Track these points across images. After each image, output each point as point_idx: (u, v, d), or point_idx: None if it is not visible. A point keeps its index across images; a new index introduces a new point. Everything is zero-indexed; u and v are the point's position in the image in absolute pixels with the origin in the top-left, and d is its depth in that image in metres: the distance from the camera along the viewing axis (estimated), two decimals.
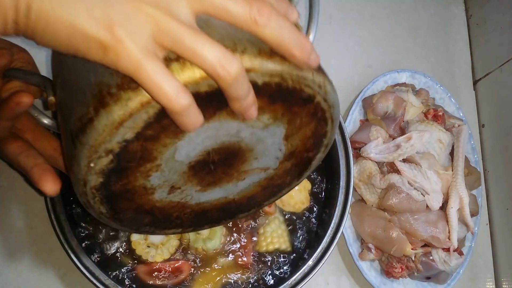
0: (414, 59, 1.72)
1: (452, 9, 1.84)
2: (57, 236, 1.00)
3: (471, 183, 1.44)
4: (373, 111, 1.45)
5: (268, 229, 1.14)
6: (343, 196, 1.15)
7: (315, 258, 1.09)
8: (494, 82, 1.67)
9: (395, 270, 1.31)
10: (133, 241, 1.08)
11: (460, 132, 1.46)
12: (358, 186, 1.39)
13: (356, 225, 1.37)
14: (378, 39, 1.71)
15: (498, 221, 1.58)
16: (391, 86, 1.52)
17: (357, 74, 1.64)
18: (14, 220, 1.27)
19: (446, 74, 1.74)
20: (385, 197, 1.31)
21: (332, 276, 1.42)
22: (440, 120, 1.46)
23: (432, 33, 1.78)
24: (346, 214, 1.13)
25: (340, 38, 1.67)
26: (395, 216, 1.31)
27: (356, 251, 1.36)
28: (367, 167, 1.37)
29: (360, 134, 1.41)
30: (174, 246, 1.10)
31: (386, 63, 1.68)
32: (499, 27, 1.67)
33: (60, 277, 1.25)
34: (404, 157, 1.35)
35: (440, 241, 1.29)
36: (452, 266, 1.31)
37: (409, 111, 1.44)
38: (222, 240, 1.13)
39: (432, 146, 1.39)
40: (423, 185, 1.32)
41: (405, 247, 1.28)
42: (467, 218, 1.36)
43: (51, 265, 1.25)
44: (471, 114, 1.72)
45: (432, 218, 1.31)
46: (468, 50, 1.80)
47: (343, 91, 1.59)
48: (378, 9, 1.74)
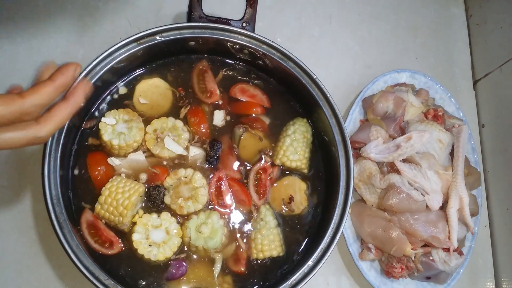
0: (414, 59, 1.72)
1: (452, 10, 1.84)
2: (57, 236, 1.00)
3: (471, 183, 1.44)
4: (373, 111, 1.45)
5: (259, 235, 1.15)
6: (343, 196, 1.15)
7: (315, 258, 1.09)
8: (494, 82, 1.68)
9: (395, 270, 1.31)
10: (135, 240, 1.08)
11: (460, 132, 1.46)
12: (358, 186, 1.39)
13: (356, 225, 1.37)
14: (378, 39, 1.71)
15: (498, 221, 1.59)
16: (391, 86, 1.52)
17: (357, 74, 1.64)
18: (14, 220, 1.27)
19: (446, 74, 1.75)
20: (385, 197, 1.31)
21: (332, 276, 1.42)
22: (440, 120, 1.46)
23: (432, 33, 1.78)
24: (346, 214, 1.13)
25: (340, 38, 1.67)
26: (395, 216, 1.31)
27: (356, 251, 1.36)
28: (367, 167, 1.37)
29: (360, 134, 1.42)
30: (176, 244, 1.11)
31: (386, 63, 1.68)
32: (499, 27, 1.67)
33: (60, 277, 1.25)
34: (404, 157, 1.35)
35: (440, 241, 1.29)
36: (452, 266, 1.32)
37: (409, 111, 1.44)
38: (223, 240, 1.13)
39: (432, 146, 1.39)
40: (423, 185, 1.32)
41: (405, 247, 1.28)
42: (467, 218, 1.36)
43: (51, 265, 1.25)
44: (471, 114, 1.72)
45: (432, 218, 1.31)
46: (468, 50, 1.80)
47: (343, 91, 1.59)
48: (378, 10, 1.74)
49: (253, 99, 1.29)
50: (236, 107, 1.29)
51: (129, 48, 1.14)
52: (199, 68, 1.29)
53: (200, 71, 1.29)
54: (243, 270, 1.15)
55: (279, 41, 1.57)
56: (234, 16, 1.24)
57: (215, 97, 1.27)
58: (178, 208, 1.13)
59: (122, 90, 1.24)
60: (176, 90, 1.26)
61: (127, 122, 1.16)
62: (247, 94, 1.29)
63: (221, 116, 1.26)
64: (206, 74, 1.28)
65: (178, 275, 1.11)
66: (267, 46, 1.21)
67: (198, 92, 1.27)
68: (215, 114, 1.26)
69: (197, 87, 1.27)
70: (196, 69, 1.28)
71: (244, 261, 1.16)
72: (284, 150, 1.23)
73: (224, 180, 1.19)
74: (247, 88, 1.30)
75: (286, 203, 1.23)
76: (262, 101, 1.30)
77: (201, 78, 1.28)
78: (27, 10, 1.43)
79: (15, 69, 1.37)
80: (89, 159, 1.17)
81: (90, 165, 1.16)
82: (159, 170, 1.16)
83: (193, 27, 1.18)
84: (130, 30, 1.48)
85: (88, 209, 1.12)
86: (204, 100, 1.27)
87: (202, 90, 1.27)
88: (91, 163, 1.16)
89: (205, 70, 1.29)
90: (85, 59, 1.41)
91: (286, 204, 1.22)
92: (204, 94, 1.27)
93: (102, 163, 1.16)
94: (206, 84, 1.28)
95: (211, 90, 1.27)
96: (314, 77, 1.19)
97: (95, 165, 1.16)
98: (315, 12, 1.66)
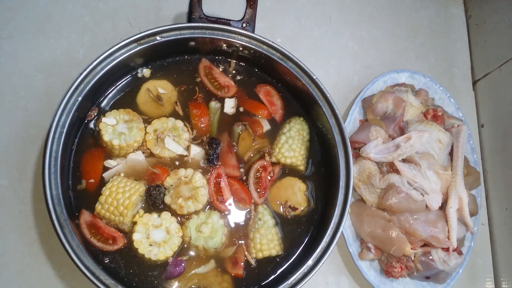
0: (413, 60, 1.72)
1: (451, 10, 1.85)
2: (58, 236, 1.00)
3: (471, 183, 1.45)
4: (372, 111, 1.45)
5: (258, 235, 1.15)
6: (342, 196, 1.15)
7: (315, 258, 1.09)
8: (494, 82, 1.68)
9: (394, 270, 1.32)
10: (135, 240, 1.08)
11: (459, 132, 1.46)
12: (357, 186, 1.39)
13: (356, 225, 1.37)
14: (378, 40, 1.71)
15: (497, 220, 1.59)
16: (390, 86, 1.53)
17: (356, 74, 1.65)
18: (14, 220, 1.27)
19: (445, 74, 1.75)
20: (384, 197, 1.32)
21: (332, 276, 1.42)
22: (439, 120, 1.46)
23: (431, 34, 1.78)
24: (346, 214, 1.13)
25: (340, 39, 1.67)
26: (394, 216, 1.31)
27: (355, 251, 1.36)
28: (367, 167, 1.38)
29: (359, 134, 1.42)
30: (177, 244, 1.11)
31: (385, 64, 1.68)
32: (499, 28, 1.67)
33: (60, 277, 1.25)
34: (404, 157, 1.35)
35: (439, 240, 1.29)
36: (451, 266, 1.32)
37: (409, 111, 1.44)
38: (223, 240, 1.13)
39: (431, 146, 1.40)
40: (422, 185, 1.32)
41: (404, 246, 1.29)
42: (466, 218, 1.36)
43: (52, 265, 1.26)
44: (471, 114, 1.72)
45: (431, 218, 1.31)
46: (468, 51, 1.81)
47: (343, 91, 1.60)
48: (377, 10, 1.75)
49: (270, 105, 1.30)
50: (246, 102, 1.29)
51: (129, 49, 1.14)
52: (203, 68, 1.29)
53: (207, 71, 1.29)
54: (241, 274, 1.15)
55: (279, 41, 1.57)
56: (234, 16, 1.24)
57: (233, 89, 1.29)
58: (178, 208, 1.13)
59: (125, 86, 1.25)
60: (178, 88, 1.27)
61: (128, 122, 1.17)
62: (268, 99, 1.30)
63: (232, 103, 1.27)
64: (213, 71, 1.29)
65: (176, 273, 1.12)
66: (267, 47, 1.21)
67: (215, 90, 1.28)
68: (226, 102, 1.27)
69: (212, 86, 1.28)
70: (202, 70, 1.29)
71: (242, 264, 1.16)
72: (279, 148, 1.24)
73: (223, 176, 1.19)
74: (272, 94, 1.31)
75: (284, 206, 1.23)
76: (275, 112, 1.30)
77: (210, 77, 1.29)
78: (27, 10, 1.43)
79: (15, 69, 1.37)
80: (85, 155, 1.17)
81: (85, 160, 1.17)
82: (159, 170, 1.17)
83: (193, 28, 1.18)
84: (131, 31, 1.49)
85: (85, 210, 1.12)
86: (224, 96, 1.28)
87: (218, 87, 1.28)
88: (86, 158, 1.17)
89: (210, 68, 1.29)
90: (86, 59, 1.42)
91: (284, 207, 1.23)
92: (221, 91, 1.28)
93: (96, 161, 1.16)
94: (218, 80, 1.28)
95: (226, 85, 1.28)
96: (314, 77, 1.20)
97: (89, 162, 1.16)
98: (315, 12, 1.67)
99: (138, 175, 1.17)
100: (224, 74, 1.29)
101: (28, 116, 1.34)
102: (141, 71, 1.26)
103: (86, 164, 1.16)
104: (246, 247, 1.18)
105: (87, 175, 1.15)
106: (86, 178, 1.15)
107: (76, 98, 1.08)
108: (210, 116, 1.25)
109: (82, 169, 1.15)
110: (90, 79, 1.10)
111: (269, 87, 1.31)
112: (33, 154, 1.32)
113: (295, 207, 1.22)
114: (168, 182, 1.15)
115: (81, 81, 1.09)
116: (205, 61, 1.29)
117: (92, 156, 1.17)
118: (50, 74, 1.39)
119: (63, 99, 1.06)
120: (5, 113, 1.34)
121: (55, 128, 1.05)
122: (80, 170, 1.16)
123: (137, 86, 1.24)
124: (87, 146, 1.18)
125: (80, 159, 1.17)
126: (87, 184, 1.15)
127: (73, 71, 1.40)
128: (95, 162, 1.16)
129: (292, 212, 1.23)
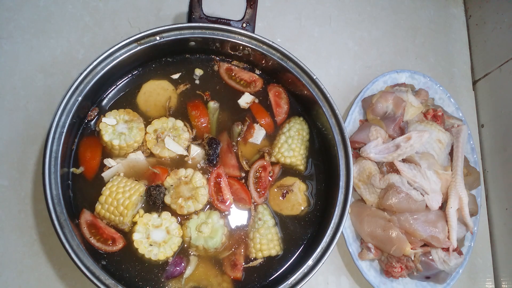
0: (413, 60, 1.73)
1: (451, 10, 1.85)
2: (58, 236, 1.00)
3: (471, 183, 1.45)
4: (372, 111, 1.45)
5: (257, 235, 1.15)
6: (342, 196, 1.15)
7: (315, 258, 1.10)
8: (494, 82, 1.68)
9: (394, 270, 1.32)
10: (136, 240, 1.08)
11: (459, 132, 1.46)
12: (357, 186, 1.40)
13: (356, 225, 1.37)
14: (378, 40, 1.71)
15: (497, 220, 1.59)
16: (390, 86, 1.53)
17: (356, 74, 1.65)
18: (14, 220, 1.27)
19: (445, 74, 1.75)
20: (384, 197, 1.32)
21: (332, 276, 1.42)
22: (439, 120, 1.46)
23: (431, 34, 1.78)
24: (346, 214, 1.13)
25: (340, 39, 1.67)
26: (394, 216, 1.31)
27: (355, 251, 1.36)
28: (367, 167, 1.38)
29: (359, 134, 1.42)
30: (177, 244, 1.11)
31: (385, 64, 1.68)
32: (499, 28, 1.67)
33: (60, 277, 1.25)
34: (404, 157, 1.35)
35: (439, 240, 1.29)
36: (451, 266, 1.32)
37: (409, 111, 1.44)
38: (223, 240, 1.14)
39: (431, 146, 1.40)
40: (422, 185, 1.32)
41: (404, 246, 1.29)
42: (466, 218, 1.36)
43: (52, 265, 1.26)
44: (471, 114, 1.73)
45: (431, 218, 1.31)
46: (468, 51, 1.81)
47: (343, 91, 1.60)
48: (377, 10, 1.75)
49: (276, 106, 1.29)
50: (254, 105, 1.29)
51: (129, 49, 1.14)
52: (225, 71, 1.29)
53: (229, 73, 1.29)
54: (239, 276, 1.15)
55: (279, 41, 1.57)
56: (234, 16, 1.24)
57: (260, 81, 1.30)
58: (179, 208, 1.13)
59: (125, 86, 1.25)
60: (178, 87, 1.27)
61: (128, 122, 1.17)
62: (276, 100, 1.30)
63: (249, 99, 1.28)
64: (234, 71, 1.29)
65: (176, 273, 1.12)
66: (267, 47, 1.21)
67: (243, 88, 1.28)
68: (245, 95, 1.28)
69: (239, 86, 1.29)
70: (225, 74, 1.29)
71: (241, 266, 1.15)
72: (279, 147, 1.25)
73: (223, 176, 1.19)
74: (282, 96, 1.31)
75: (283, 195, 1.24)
76: (279, 115, 1.30)
77: (234, 78, 1.29)
78: (27, 10, 1.44)
79: (15, 69, 1.38)
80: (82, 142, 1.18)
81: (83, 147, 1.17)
82: (159, 170, 1.17)
83: (193, 28, 1.18)
84: (131, 31, 1.49)
85: (86, 209, 1.13)
86: (254, 91, 1.29)
87: (245, 85, 1.29)
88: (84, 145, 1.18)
89: (230, 69, 1.29)
90: (86, 59, 1.42)
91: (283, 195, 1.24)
92: (250, 87, 1.29)
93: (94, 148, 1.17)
94: (243, 78, 1.29)
95: (253, 79, 1.29)
96: (314, 77, 1.20)
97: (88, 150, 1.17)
98: (315, 12, 1.67)
99: (138, 175, 1.17)
100: (244, 70, 1.30)
101: (28, 116, 1.34)
102: (141, 71, 1.26)
103: (84, 151, 1.17)
104: (246, 247, 1.18)
105: (85, 162, 1.16)
106: (85, 165, 1.16)
107: (76, 98, 1.08)
108: (209, 116, 1.25)
109: (80, 155, 1.16)
110: (90, 79, 1.10)
111: (281, 89, 1.31)
112: (33, 154, 1.32)
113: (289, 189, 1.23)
114: (168, 182, 1.15)
115: (81, 81, 1.09)
116: (223, 65, 1.30)
117: (91, 143, 1.18)
118: (50, 74, 1.40)
119: (63, 99, 1.06)
120: (5, 113, 1.34)
121: (55, 128, 1.05)
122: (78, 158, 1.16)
123: (137, 86, 1.24)
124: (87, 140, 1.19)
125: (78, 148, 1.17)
126: (85, 170, 1.15)
127: (73, 71, 1.40)
128: (94, 149, 1.17)
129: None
